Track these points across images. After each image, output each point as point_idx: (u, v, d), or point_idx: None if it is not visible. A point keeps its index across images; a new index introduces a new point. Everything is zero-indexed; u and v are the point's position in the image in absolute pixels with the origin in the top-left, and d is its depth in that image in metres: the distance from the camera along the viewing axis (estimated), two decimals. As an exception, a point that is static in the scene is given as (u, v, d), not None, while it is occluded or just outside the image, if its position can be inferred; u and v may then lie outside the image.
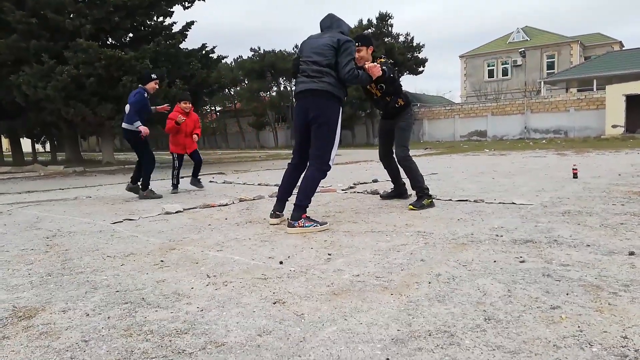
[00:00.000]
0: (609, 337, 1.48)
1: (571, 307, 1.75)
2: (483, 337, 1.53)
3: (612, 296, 1.85)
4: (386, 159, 4.79)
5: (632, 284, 1.97)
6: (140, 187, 5.82)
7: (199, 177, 6.77)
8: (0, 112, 14.74)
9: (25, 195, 6.69)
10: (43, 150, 33.47)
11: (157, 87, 5.88)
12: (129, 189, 5.91)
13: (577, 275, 2.13)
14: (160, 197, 5.79)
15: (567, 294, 1.89)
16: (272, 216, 3.70)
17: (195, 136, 6.61)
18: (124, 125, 5.67)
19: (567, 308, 1.74)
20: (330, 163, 3.61)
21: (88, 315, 1.88)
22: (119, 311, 1.91)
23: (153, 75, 5.81)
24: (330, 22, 3.69)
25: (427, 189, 4.33)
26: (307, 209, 3.49)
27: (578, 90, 28.59)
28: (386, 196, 4.85)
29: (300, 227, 3.32)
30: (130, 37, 14.90)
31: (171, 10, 14.87)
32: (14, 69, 12.56)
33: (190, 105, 6.52)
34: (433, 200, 4.31)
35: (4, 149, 25.10)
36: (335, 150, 3.61)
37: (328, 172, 3.62)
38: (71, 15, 12.86)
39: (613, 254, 2.46)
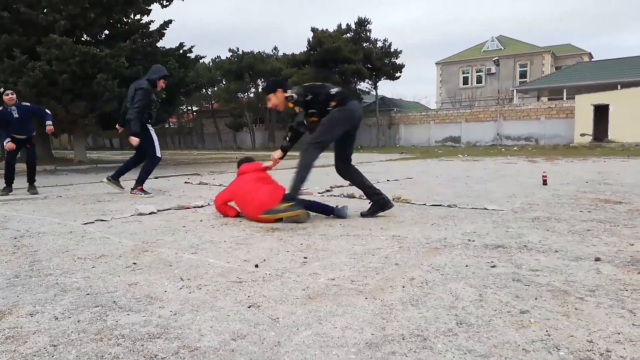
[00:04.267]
0: (575, 341, 1.53)
1: (540, 311, 1.80)
2: (455, 341, 1.56)
3: (579, 301, 1.91)
4: (343, 170, 4.25)
5: (597, 289, 2.04)
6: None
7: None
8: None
9: (-8, 194, 6.47)
10: (11, 147, 32.56)
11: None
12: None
13: (545, 280, 2.19)
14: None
15: (536, 299, 1.94)
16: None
17: None
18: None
19: (535, 312, 1.79)
20: None
21: (57, 318, 1.83)
22: (90, 315, 1.86)
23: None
24: None
25: (293, 198, 3.72)
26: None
27: (549, 99, 29.45)
28: (367, 214, 4.06)
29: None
30: (106, 34, 14.60)
31: (149, 8, 14.63)
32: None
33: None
34: (292, 207, 3.68)
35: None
36: None
37: None
38: (45, 10, 12.52)
39: (580, 259, 2.54)
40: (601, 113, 23.14)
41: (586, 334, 1.59)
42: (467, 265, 2.45)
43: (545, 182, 6.34)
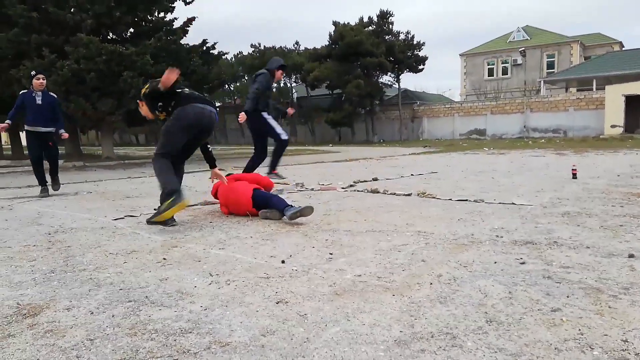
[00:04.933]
0: (609, 341, 1.50)
1: (572, 309, 1.77)
2: (485, 340, 1.55)
3: (612, 299, 1.86)
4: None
5: (631, 287, 1.99)
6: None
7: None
8: (1, 106, 14.69)
9: (26, 190, 6.69)
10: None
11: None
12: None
13: (577, 277, 2.15)
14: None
15: (568, 297, 1.90)
16: None
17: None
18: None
19: (567, 311, 1.76)
20: None
21: (92, 313, 1.89)
22: (123, 309, 1.92)
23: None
24: None
25: (171, 192, 3.55)
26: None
27: (577, 90, 28.64)
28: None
29: None
30: (131, 33, 14.87)
31: (172, 5, 14.83)
32: (15, 63, 12.52)
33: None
34: (174, 200, 3.51)
35: (3, 143, 25.07)
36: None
37: None
38: (72, 10, 12.82)
39: (612, 256, 2.48)
40: (633, 104, 22.40)
41: (620, 333, 1.55)
42: (495, 262, 2.43)
43: (574, 176, 6.19)
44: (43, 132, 5.94)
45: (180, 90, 3.84)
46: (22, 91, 6.04)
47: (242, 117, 5.76)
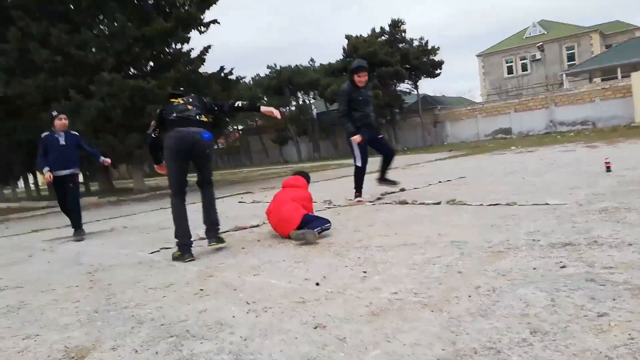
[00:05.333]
0: (663, 345, 1.44)
1: (619, 313, 1.71)
2: (531, 352, 1.51)
3: (662, 299, 1.79)
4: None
5: (681, 285, 1.91)
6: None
7: None
8: (34, 150, 15.32)
9: (64, 230, 6.91)
10: (75, 182, 34.76)
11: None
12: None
13: (622, 278, 2.07)
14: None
15: (614, 300, 1.84)
16: None
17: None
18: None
19: (615, 315, 1.70)
20: None
21: (137, 351, 1.93)
22: (166, 345, 1.95)
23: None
24: None
25: (180, 247, 3.70)
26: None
27: (602, 80, 27.85)
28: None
29: None
30: (151, 66, 15.32)
31: (188, 36, 15.24)
32: (44, 107, 13.05)
33: None
34: (181, 256, 3.63)
35: (40, 184, 26.03)
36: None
37: None
38: (93, 50, 13.33)
39: (658, 252, 2.39)
40: (662, 87, 21.62)
41: (675, 337, 1.49)
42: (534, 268, 2.37)
43: (608, 169, 6.00)
44: (63, 176, 5.72)
45: (172, 116, 3.79)
46: (44, 134, 5.78)
47: (356, 139, 5.71)
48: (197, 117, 3.82)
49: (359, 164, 5.89)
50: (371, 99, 5.90)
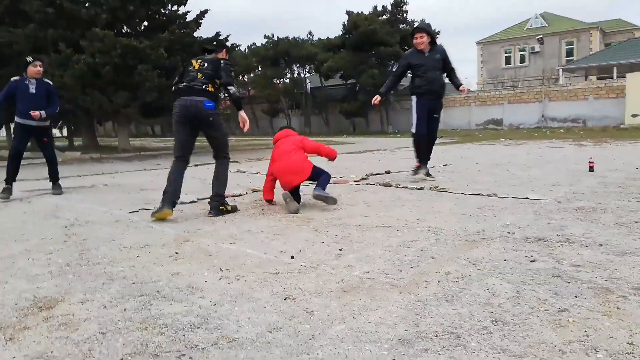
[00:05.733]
0: (614, 343, 1.49)
1: (579, 310, 1.76)
2: (489, 340, 1.55)
3: (622, 300, 1.85)
4: None
5: (642, 287, 1.97)
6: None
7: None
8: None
9: (44, 182, 6.83)
10: (60, 136, 34.05)
11: None
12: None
13: (587, 276, 2.13)
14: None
15: (576, 297, 1.89)
16: None
17: None
18: None
19: (575, 311, 1.75)
20: None
21: (105, 307, 1.94)
22: (135, 304, 1.97)
23: None
24: None
25: (162, 199, 3.81)
26: None
27: (598, 78, 27.96)
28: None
29: None
30: (145, 26, 14.95)
31: (185, -2, 14.87)
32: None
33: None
34: (158, 208, 3.75)
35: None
36: None
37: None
38: (87, 4, 12.95)
39: (625, 254, 2.45)
40: (655, 92, 21.80)
41: (627, 336, 1.54)
42: (505, 260, 2.42)
43: (591, 169, 6.09)
44: (35, 127, 5.27)
45: (179, 85, 3.99)
46: (14, 78, 5.27)
47: (374, 100, 5.92)
48: (203, 86, 3.94)
49: (413, 130, 5.71)
50: (437, 63, 5.52)
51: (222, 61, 4.09)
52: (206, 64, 4.03)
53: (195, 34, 14.82)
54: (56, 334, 1.70)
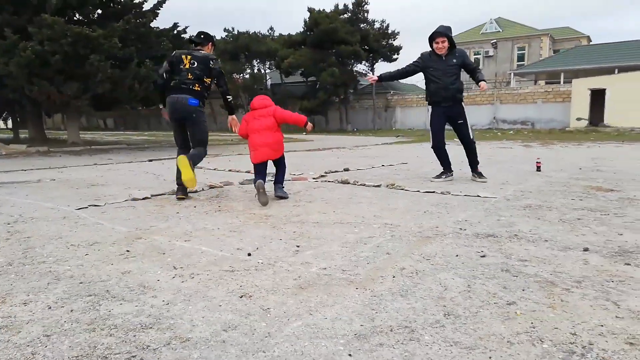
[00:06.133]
0: (559, 334, 1.57)
1: (526, 303, 1.84)
2: (442, 333, 1.59)
3: (565, 292, 1.94)
4: None
5: (584, 280, 2.08)
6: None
7: None
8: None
9: (-15, 177, 6.44)
10: (4, 127, 32.19)
11: None
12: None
13: (533, 270, 2.22)
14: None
15: (523, 290, 1.97)
16: None
17: None
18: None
19: (522, 304, 1.83)
20: None
21: (50, 308, 1.85)
22: (83, 304, 1.89)
23: None
24: None
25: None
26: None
27: (546, 83, 29.33)
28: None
29: None
30: (98, 14, 14.34)
31: (142, -14, 14.38)
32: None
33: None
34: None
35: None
36: None
37: None
38: (35, -12, 12.29)
39: (569, 249, 2.58)
40: (598, 97, 23.09)
41: (570, 326, 1.62)
42: (457, 255, 2.49)
43: (538, 169, 6.37)
44: None
45: (173, 81, 4.39)
46: None
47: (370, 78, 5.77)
48: (191, 86, 4.36)
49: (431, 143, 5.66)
50: (454, 69, 5.27)
51: (211, 61, 4.46)
52: (196, 63, 4.39)
53: (152, 25, 14.36)
54: (-5, 337, 1.60)
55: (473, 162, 5.57)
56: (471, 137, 5.57)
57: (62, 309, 1.84)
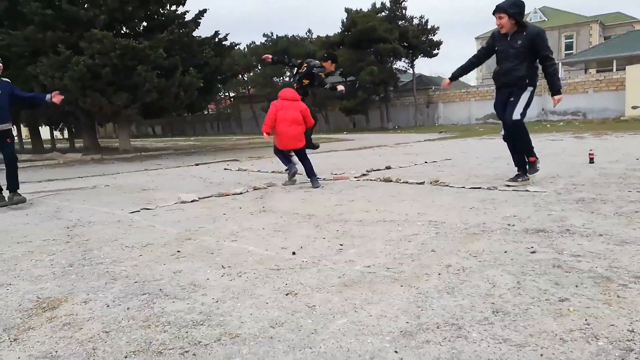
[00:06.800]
0: (615, 331, 1.50)
1: (580, 299, 1.77)
2: (490, 330, 1.56)
3: (622, 288, 1.85)
4: None
5: (643, 276, 1.97)
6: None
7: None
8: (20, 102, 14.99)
9: (45, 184, 6.86)
10: (61, 138, 34.10)
11: None
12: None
13: (587, 266, 2.14)
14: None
15: (577, 286, 1.90)
16: None
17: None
18: None
19: (575, 300, 1.76)
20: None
21: (108, 306, 1.95)
22: (138, 302, 1.98)
23: None
24: None
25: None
26: None
27: (597, 71, 27.91)
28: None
29: None
30: (144, 27, 14.97)
31: (183, -2, 14.88)
32: (31, 60, 12.74)
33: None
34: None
35: (23, 137, 25.61)
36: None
37: None
38: (85, 6, 12.96)
39: (625, 243, 2.45)
40: (655, 84, 21.75)
41: (627, 323, 1.55)
42: (505, 251, 2.42)
43: (592, 160, 6.08)
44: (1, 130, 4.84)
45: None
46: None
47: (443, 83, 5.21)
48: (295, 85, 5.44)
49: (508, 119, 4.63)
50: (518, 51, 4.41)
51: (314, 70, 5.78)
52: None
53: (194, 34, 14.83)
54: (60, 334, 1.71)
55: (515, 151, 4.75)
56: (514, 117, 4.52)
57: (119, 307, 1.94)
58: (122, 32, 14.48)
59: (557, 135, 13.67)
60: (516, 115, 4.52)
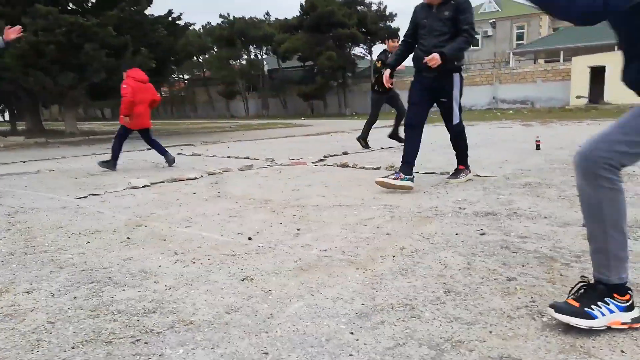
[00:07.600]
0: (558, 307, 1.58)
1: (526, 278, 1.85)
2: (442, 310, 1.60)
3: (565, 267, 1.95)
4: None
5: (583, 255, 2.09)
6: None
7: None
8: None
9: (-16, 169, 6.44)
10: (2, 120, 32.06)
11: None
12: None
13: (533, 247, 2.23)
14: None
15: (523, 266, 1.98)
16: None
17: None
18: None
19: (522, 280, 1.84)
20: None
21: (53, 295, 1.86)
22: (85, 291, 1.90)
23: None
24: None
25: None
26: None
27: (545, 62, 29.11)
28: None
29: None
30: (92, 3, 14.19)
31: (135, -27, 14.19)
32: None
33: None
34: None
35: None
36: None
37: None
38: (27, -22, 12.13)
39: (568, 225, 2.58)
40: (597, 75, 22.91)
41: (569, 300, 1.63)
42: (457, 234, 2.49)
43: (538, 147, 6.36)
44: None
45: None
46: None
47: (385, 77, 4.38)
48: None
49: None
50: (443, 25, 3.77)
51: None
52: None
53: (146, 12, 14.22)
54: (1, 326, 1.62)
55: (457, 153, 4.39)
56: (454, 122, 4.25)
57: (65, 296, 1.86)
58: (69, 7, 13.68)
59: (507, 123, 14.18)
60: (456, 119, 4.22)
